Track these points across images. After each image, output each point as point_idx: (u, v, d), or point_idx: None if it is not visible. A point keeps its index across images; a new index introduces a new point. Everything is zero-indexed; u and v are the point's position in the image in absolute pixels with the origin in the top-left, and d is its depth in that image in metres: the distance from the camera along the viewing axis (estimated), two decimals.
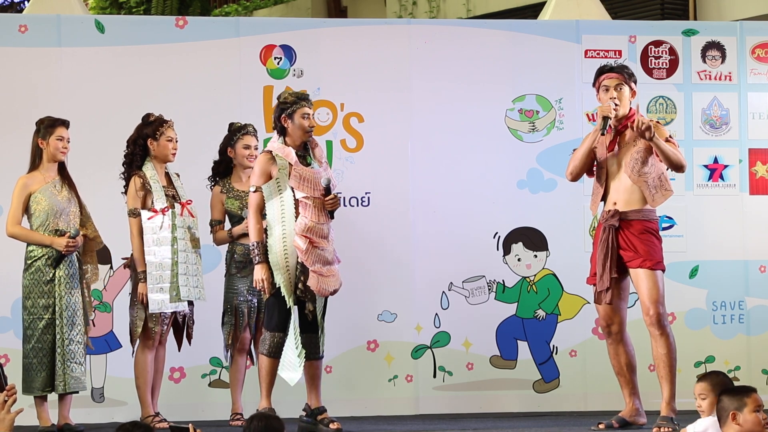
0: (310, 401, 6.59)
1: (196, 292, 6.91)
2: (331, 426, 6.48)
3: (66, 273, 6.72)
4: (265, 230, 6.47)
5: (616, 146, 6.50)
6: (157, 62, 7.66)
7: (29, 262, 6.76)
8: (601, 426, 6.44)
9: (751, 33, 8.09)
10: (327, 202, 6.45)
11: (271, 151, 6.54)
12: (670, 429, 6.24)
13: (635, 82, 6.63)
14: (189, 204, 6.96)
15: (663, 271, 6.46)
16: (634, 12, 13.12)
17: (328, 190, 6.46)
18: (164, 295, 6.78)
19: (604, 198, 6.57)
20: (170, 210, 6.85)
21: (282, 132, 6.58)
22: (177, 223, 6.86)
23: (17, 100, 7.56)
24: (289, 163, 6.46)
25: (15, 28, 7.58)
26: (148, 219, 6.80)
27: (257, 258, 6.45)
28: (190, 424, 4.65)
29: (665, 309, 6.42)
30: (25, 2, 17.34)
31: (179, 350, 7.06)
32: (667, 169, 6.52)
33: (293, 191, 6.45)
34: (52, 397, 6.82)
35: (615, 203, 6.47)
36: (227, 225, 7.20)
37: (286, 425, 4.52)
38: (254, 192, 6.53)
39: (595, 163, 6.65)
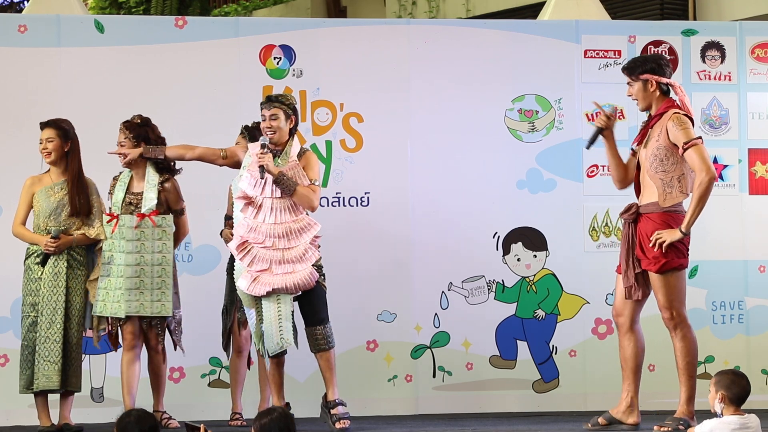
0: (326, 392, 6.62)
1: (157, 306, 6.71)
2: (337, 425, 6.50)
3: (50, 272, 6.72)
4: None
5: (645, 140, 6.36)
6: (157, 62, 7.66)
7: (24, 261, 6.81)
8: (587, 426, 6.40)
9: (750, 33, 8.09)
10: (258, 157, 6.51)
11: (247, 146, 6.69)
12: (668, 429, 6.20)
13: (651, 71, 6.35)
14: (153, 215, 6.76)
15: (678, 268, 6.26)
16: (633, 12, 13.13)
17: (263, 147, 6.53)
18: (103, 301, 6.70)
19: (637, 192, 6.44)
20: (124, 216, 6.74)
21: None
22: (124, 234, 6.72)
23: (16, 101, 7.56)
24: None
25: (14, 28, 7.59)
26: (107, 222, 6.77)
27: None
28: (201, 425, 4.69)
29: (678, 310, 6.26)
30: (25, 2, 17.35)
31: (183, 353, 7.03)
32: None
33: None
34: (53, 397, 6.82)
35: (640, 196, 6.38)
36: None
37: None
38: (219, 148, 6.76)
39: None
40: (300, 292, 6.50)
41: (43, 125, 6.85)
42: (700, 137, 6.33)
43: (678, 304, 6.29)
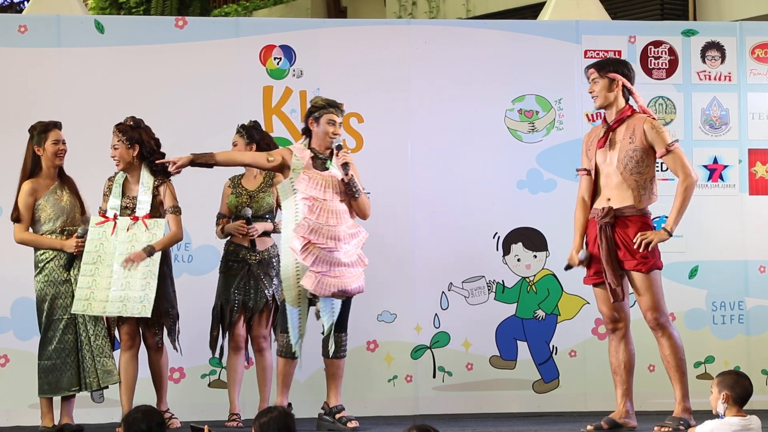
0: (328, 399, 6.69)
1: (138, 307, 6.63)
2: (349, 425, 6.55)
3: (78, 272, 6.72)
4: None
5: (607, 142, 6.42)
6: (157, 62, 7.66)
7: (41, 265, 6.74)
8: (590, 428, 6.41)
9: (750, 33, 8.09)
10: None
11: (290, 149, 6.67)
12: (669, 429, 6.21)
13: (621, 73, 6.44)
14: (145, 218, 6.74)
15: (660, 268, 6.40)
16: (633, 12, 13.13)
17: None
18: (85, 300, 6.64)
19: (595, 195, 6.50)
20: (121, 218, 6.71)
21: (306, 133, 6.69)
22: (118, 236, 6.69)
23: (16, 101, 7.56)
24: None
25: (14, 28, 7.59)
26: (96, 224, 6.72)
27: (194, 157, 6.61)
28: (206, 426, 4.71)
29: (664, 310, 6.36)
30: (25, 2, 17.36)
31: (180, 354, 7.02)
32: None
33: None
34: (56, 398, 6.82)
35: (609, 199, 6.40)
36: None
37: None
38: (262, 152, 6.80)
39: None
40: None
41: (52, 125, 6.81)
42: (677, 140, 6.46)
43: (663, 303, 6.36)
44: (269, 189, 7.09)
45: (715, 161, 7.97)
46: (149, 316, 6.65)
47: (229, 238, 7.12)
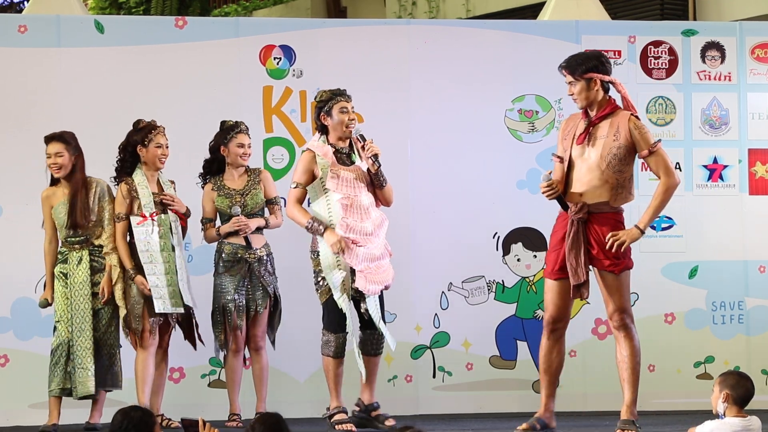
0: (363, 397, 6.69)
1: (188, 298, 6.87)
2: (387, 423, 6.57)
3: (79, 279, 6.72)
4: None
5: (586, 138, 6.29)
6: (157, 62, 7.66)
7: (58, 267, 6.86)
8: (524, 426, 6.36)
9: (750, 33, 8.09)
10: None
11: (312, 150, 6.60)
12: (634, 430, 6.18)
13: (595, 69, 6.34)
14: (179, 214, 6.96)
15: (630, 268, 6.29)
16: (633, 12, 13.14)
17: (363, 138, 6.62)
18: (160, 299, 6.72)
19: (566, 189, 6.34)
20: (159, 216, 6.78)
21: (323, 130, 6.66)
22: (172, 229, 6.85)
23: (16, 101, 7.55)
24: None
25: (14, 28, 7.58)
26: (137, 224, 6.76)
27: (321, 229, 6.48)
28: (200, 417, 4.68)
29: (630, 311, 6.28)
30: (25, 2, 17.36)
31: (195, 349, 7.04)
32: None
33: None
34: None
35: (581, 194, 6.28)
36: (218, 223, 7.16)
37: (291, 426, 4.51)
38: (294, 188, 6.61)
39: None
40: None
41: (49, 139, 6.82)
42: (660, 140, 6.35)
43: (629, 304, 6.30)
44: (258, 186, 7.08)
45: (715, 161, 7.97)
46: (197, 306, 6.92)
47: (221, 239, 7.10)
